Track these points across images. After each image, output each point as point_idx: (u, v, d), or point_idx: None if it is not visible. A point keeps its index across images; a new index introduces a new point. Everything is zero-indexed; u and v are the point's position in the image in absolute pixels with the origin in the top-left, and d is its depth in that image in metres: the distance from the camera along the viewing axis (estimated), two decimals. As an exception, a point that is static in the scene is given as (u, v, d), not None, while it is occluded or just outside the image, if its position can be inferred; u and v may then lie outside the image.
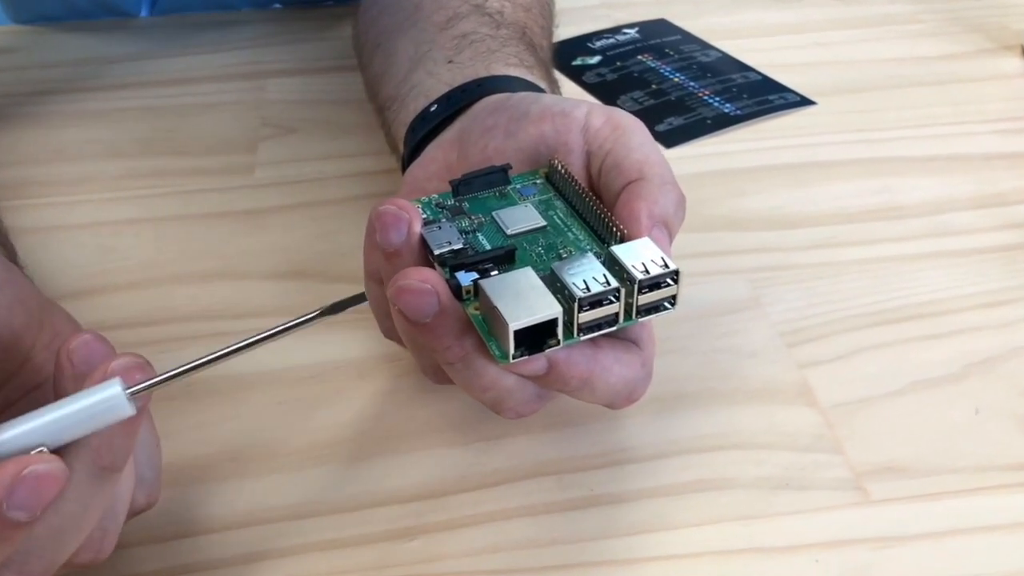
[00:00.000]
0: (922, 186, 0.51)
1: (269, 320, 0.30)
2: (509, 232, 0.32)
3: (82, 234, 0.49)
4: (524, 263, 0.30)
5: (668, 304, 0.30)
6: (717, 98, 0.60)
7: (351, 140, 0.56)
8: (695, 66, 0.64)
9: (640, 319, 0.29)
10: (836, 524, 0.34)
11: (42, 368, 0.31)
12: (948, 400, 0.39)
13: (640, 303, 0.29)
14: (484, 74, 0.40)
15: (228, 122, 0.59)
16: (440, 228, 0.32)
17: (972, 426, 0.37)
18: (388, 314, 0.34)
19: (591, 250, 0.32)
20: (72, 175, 0.54)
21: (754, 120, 0.58)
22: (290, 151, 0.56)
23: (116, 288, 0.45)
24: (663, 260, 0.29)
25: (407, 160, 0.41)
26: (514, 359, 0.28)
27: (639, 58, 0.66)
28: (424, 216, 0.33)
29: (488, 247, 0.32)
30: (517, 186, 0.35)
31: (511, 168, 0.35)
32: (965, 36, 0.68)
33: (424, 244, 0.31)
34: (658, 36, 0.69)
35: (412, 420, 0.38)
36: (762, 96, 0.60)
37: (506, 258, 0.30)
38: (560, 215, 0.33)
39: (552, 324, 0.28)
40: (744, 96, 0.60)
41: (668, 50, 0.67)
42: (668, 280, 0.29)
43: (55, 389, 0.27)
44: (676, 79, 0.63)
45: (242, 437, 0.38)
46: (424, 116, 0.40)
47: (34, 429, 0.25)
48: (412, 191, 0.36)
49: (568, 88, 0.62)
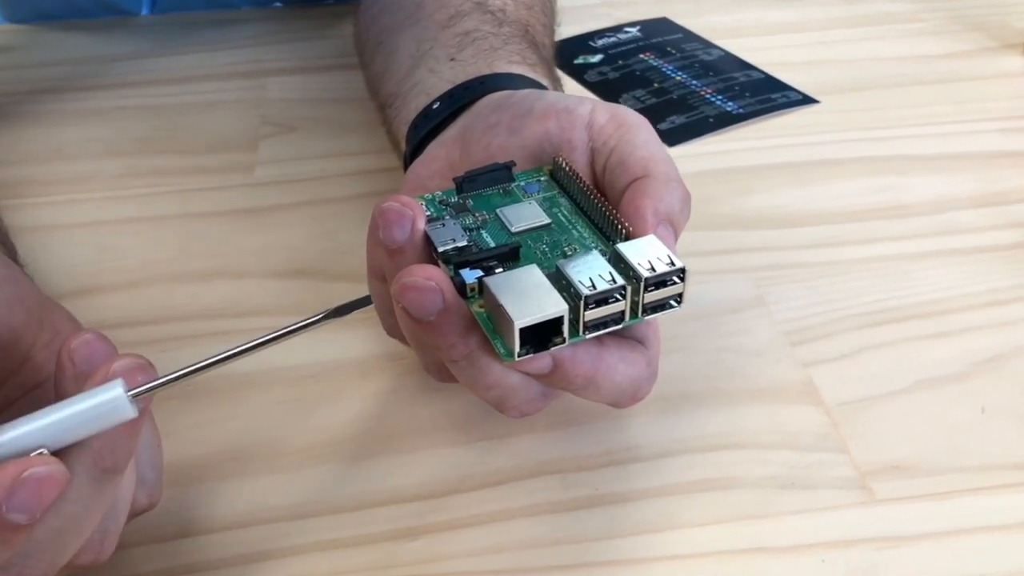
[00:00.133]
0: (925, 184, 0.51)
1: (270, 319, 0.30)
2: (513, 229, 0.32)
3: (82, 233, 0.49)
4: (529, 260, 0.30)
5: (674, 302, 0.29)
6: (719, 96, 0.60)
7: (352, 138, 0.56)
8: (697, 65, 0.64)
9: (646, 317, 0.29)
10: (841, 524, 0.34)
11: (42, 367, 0.30)
12: (953, 399, 0.38)
13: (646, 301, 0.29)
14: (486, 72, 0.40)
15: (229, 121, 0.58)
16: (444, 225, 0.31)
17: (977, 425, 0.37)
18: (391, 311, 0.33)
19: (596, 248, 0.31)
20: (72, 174, 0.54)
21: (757, 119, 0.58)
22: (291, 149, 0.56)
23: (116, 287, 0.45)
24: (669, 258, 0.29)
25: (409, 158, 0.41)
26: (519, 357, 0.28)
27: (641, 57, 0.66)
28: (428, 213, 0.33)
29: (492, 244, 0.32)
30: (521, 183, 0.35)
31: (515, 165, 0.34)
32: (967, 35, 0.68)
33: (428, 241, 0.31)
34: (660, 35, 0.69)
35: (414, 419, 0.38)
36: (764, 95, 0.60)
37: (511, 255, 0.30)
38: (565, 212, 0.33)
39: (558, 322, 0.28)
40: (747, 94, 0.60)
41: (670, 49, 0.67)
42: (674, 278, 0.29)
43: (56, 388, 0.27)
44: (678, 77, 0.63)
45: (242, 437, 0.37)
46: (426, 114, 0.40)
47: (35, 431, 0.25)
48: (414, 189, 0.36)
49: (570, 87, 0.62)
